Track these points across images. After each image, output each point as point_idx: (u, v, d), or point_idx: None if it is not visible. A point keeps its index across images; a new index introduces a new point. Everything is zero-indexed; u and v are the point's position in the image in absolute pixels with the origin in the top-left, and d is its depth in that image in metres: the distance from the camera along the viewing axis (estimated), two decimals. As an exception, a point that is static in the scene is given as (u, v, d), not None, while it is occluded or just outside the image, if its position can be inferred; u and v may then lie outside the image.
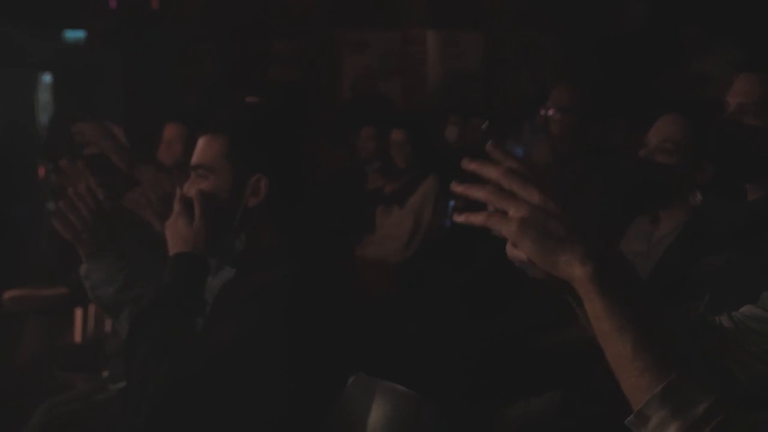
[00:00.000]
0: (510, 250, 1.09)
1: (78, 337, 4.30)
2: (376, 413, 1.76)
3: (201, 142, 1.93)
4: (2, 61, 5.86)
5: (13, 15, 6.01)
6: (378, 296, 4.06)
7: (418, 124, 4.66)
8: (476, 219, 1.10)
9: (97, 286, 2.10)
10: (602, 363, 2.22)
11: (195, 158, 1.94)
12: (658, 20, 6.43)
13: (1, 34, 5.83)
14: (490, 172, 1.10)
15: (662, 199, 2.44)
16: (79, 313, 4.36)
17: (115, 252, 2.12)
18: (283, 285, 1.81)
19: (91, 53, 7.14)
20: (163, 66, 7.13)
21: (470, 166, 1.11)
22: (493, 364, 2.34)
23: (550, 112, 2.86)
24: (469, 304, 2.95)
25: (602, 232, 1.06)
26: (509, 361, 2.38)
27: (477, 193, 1.10)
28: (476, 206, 1.13)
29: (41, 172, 5.86)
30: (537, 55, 7.41)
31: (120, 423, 2.28)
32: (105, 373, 3.21)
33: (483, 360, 2.37)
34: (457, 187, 1.10)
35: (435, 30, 7.37)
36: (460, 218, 1.11)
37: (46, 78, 6.89)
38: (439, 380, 2.16)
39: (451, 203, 4.06)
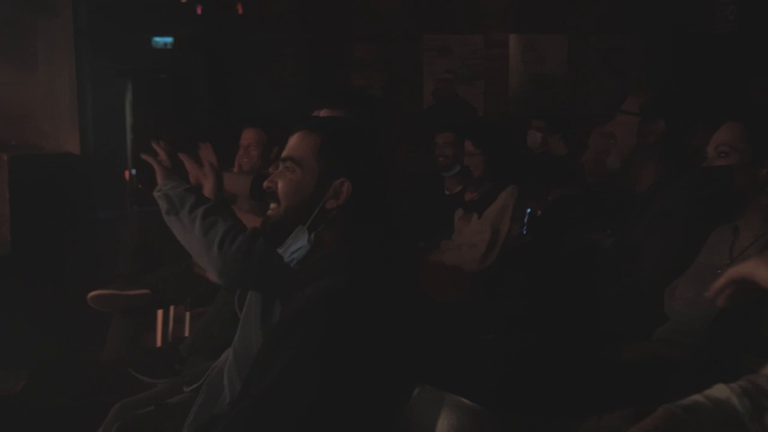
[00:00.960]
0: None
1: (158, 337, 4.39)
2: (442, 426, 1.73)
3: (295, 137, 2.00)
4: (93, 68, 6.01)
5: (105, 22, 6.17)
6: (454, 304, 4.04)
7: (494, 131, 4.59)
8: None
9: (168, 190, 2.35)
10: (676, 378, 2.16)
11: (286, 151, 2.00)
12: (749, 22, 6.24)
13: (92, 41, 5.98)
14: None
15: (731, 203, 2.38)
16: (160, 314, 4.45)
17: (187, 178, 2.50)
18: (330, 296, 1.80)
19: (178, 59, 7.28)
20: (247, 70, 7.23)
21: None
22: (566, 377, 2.29)
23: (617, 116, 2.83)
24: (546, 313, 2.90)
25: None
26: (582, 374, 2.33)
27: None
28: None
29: (127, 175, 6.00)
30: (621, 58, 7.27)
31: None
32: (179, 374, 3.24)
33: (555, 373, 2.32)
34: None
35: (517, 34, 7.30)
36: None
37: (135, 83, 7.04)
38: (507, 394, 2.12)
39: (528, 210, 4.00)
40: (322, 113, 2.81)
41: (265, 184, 2.02)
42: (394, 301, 1.89)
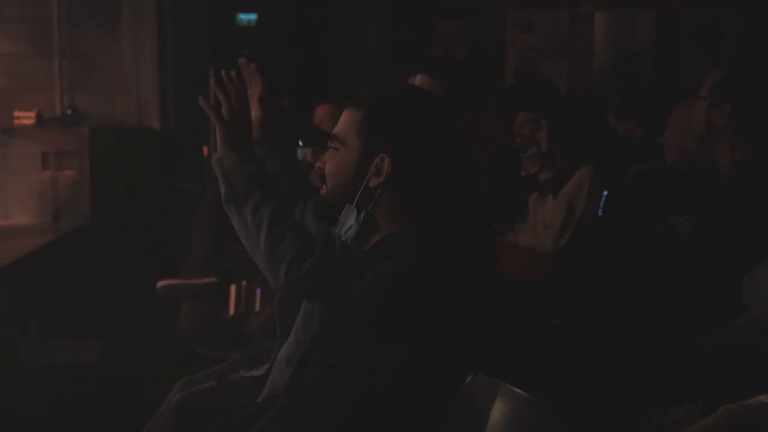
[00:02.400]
0: None
1: (231, 312, 4.43)
2: (495, 417, 1.66)
3: (343, 115, 1.93)
4: (177, 42, 6.05)
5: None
6: (530, 285, 3.96)
7: (574, 109, 4.47)
8: None
9: (230, 170, 2.13)
10: (752, 373, 2.05)
11: (335, 129, 1.93)
12: None
13: (177, 16, 6.04)
14: None
15: None
16: (233, 289, 4.49)
17: (249, 145, 2.21)
18: (394, 279, 1.73)
19: (262, 35, 7.31)
20: (331, 46, 7.21)
21: None
22: (637, 367, 2.19)
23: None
24: (624, 298, 2.80)
25: None
26: (656, 364, 2.23)
27: None
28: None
29: (205, 151, 6.04)
30: (714, 34, 7.01)
31: (247, 406, 2.27)
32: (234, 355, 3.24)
33: (624, 362, 2.23)
34: None
35: (603, 10, 7.11)
36: None
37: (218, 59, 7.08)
38: (566, 382, 2.04)
39: (605, 192, 3.88)
40: (417, 80, 2.69)
41: (317, 164, 1.96)
42: (464, 285, 1.81)
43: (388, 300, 1.70)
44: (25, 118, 5.22)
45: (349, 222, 1.89)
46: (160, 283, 4.26)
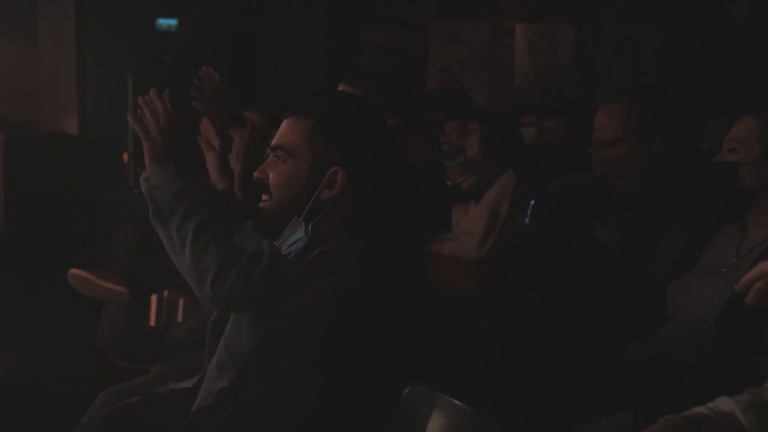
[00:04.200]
0: None
1: (152, 322, 4.33)
2: (433, 428, 1.67)
3: (285, 124, 1.90)
4: (96, 47, 5.94)
5: (109, 2, 6.10)
6: (460, 296, 3.97)
7: (497, 117, 4.53)
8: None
9: (154, 188, 2.04)
10: (680, 382, 2.09)
11: (276, 140, 1.90)
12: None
13: (96, 20, 5.92)
14: None
15: (739, 201, 2.33)
16: (153, 299, 4.39)
17: (177, 161, 2.09)
18: (345, 292, 1.72)
19: (183, 41, 7.21)
20: (256, 54, 7.17)
21: None
22: (566, 378, 2.23)
23: None
24: (553, 308, 2.83)
25: None
26: (586, 373, 2.27)
27: None
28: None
29: (125, 158, 5.93)
30: (634, 48, 7.17)
31: (178, 419, 2.23)
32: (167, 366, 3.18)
33: (556, 371, 2.26)
34: None
35: (525, 23, 7.22)
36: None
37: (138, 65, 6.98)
38: (501, 395, 2.06)
39: (532, 202, 3.93)
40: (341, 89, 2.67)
41: (256, 174, 1.93)
42: (407, 298, 1.81)
43: (339, 314, 1.69)
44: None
45: (296, 235, 1.87)
46: (71, 271, 4.10)
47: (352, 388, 1.68)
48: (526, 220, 3.90)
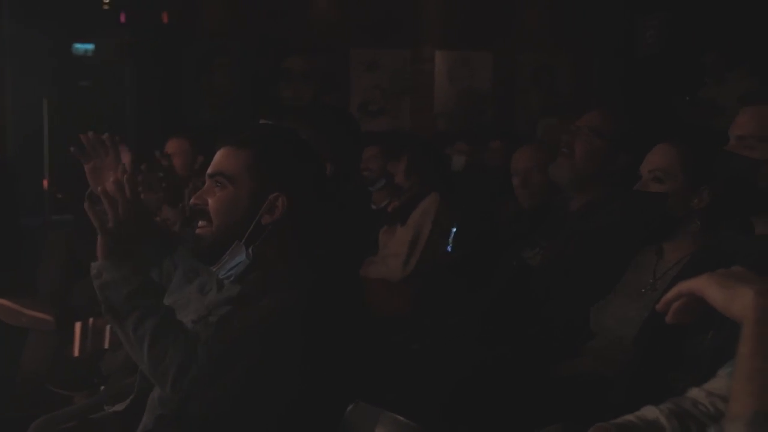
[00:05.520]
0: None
1: (76, 349, 4.27)
2: (375, 444, 1.72)
3: (223, 152, 1.94)
4: (13, 72, 5.86)
5: (25, 26, 6.02)
6: (387, 317, 4.02)
7: (420, 143, 4.64)
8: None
9: (108, 286, 1.97)
10: (606, 396, 2.19)
11: (215, 167, 1.94)
12: (674, 45, 6.40)
13: (13, 44, 5.84)
14: None
15: (662, 228, 2.43)
16: (78, 327, 4.33)
17: (135, 254, 2.01)
18: (287, 313, 1.78)
19: (100, 66, 7.14)
20: (176, 80, 7.14)
21: None
22: (497, 394, 2.30)
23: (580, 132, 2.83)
24: (479, 329, 2.91)
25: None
26: (514, 390, 2.35)
27: None
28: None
29: (45, 184, 5.85)
30: (548, 75, 7.39)
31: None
32: (102, 390, 3.17)
33: (486, 389, 2.33)
34: None
35: (443, 50, 7.37)
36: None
37: (55, 90, 6.89)
38: (438, 409, 2.12)
39: (454, 229, 4.02)
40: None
41: (193, 201, 1.96)
42: (343, 317, 1.87)
43: (279, 334, 1.74)
44: None
45: (237, 259, 1.92)
46: None
47: (293, 405, 1.73)
48: (449, 248, 3.98)
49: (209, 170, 1.97)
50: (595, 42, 6.96)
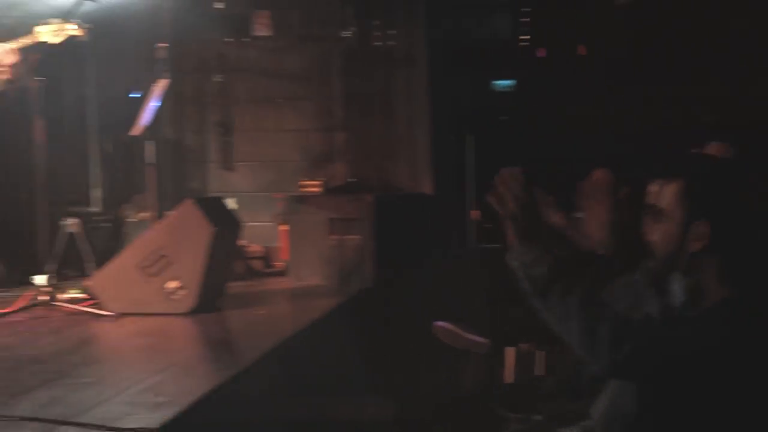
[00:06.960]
0: None
1: (509, 376, 4.53)
2: None
3: (658, 184, 2.05)
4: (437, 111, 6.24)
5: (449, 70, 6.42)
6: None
7: None
8: None
9: (530, 264, 2.11)
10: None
11: (653, 200, 2.05)
12: None
13: (437, 87, 6.24)
14: None
15: None
16: (510, 353, 4.59)
17: (542, 237, 2.16)
18: (736, 345, 1.82)
19: (519, 101, 7.43)
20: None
21: None
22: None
23: None
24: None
25: None
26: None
27: None
28: None
29: (473, 215, 6.21)
30: None
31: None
32: (537, 417, 3.32)
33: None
34: None
35: None
36: None
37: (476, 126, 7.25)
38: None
39: None
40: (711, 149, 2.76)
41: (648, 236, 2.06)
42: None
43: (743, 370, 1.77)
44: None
45: (678, 290, 1.98)
46: (437, 323, 4.42)
47: None
48: None
49: (649, 202, 2.07)
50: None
